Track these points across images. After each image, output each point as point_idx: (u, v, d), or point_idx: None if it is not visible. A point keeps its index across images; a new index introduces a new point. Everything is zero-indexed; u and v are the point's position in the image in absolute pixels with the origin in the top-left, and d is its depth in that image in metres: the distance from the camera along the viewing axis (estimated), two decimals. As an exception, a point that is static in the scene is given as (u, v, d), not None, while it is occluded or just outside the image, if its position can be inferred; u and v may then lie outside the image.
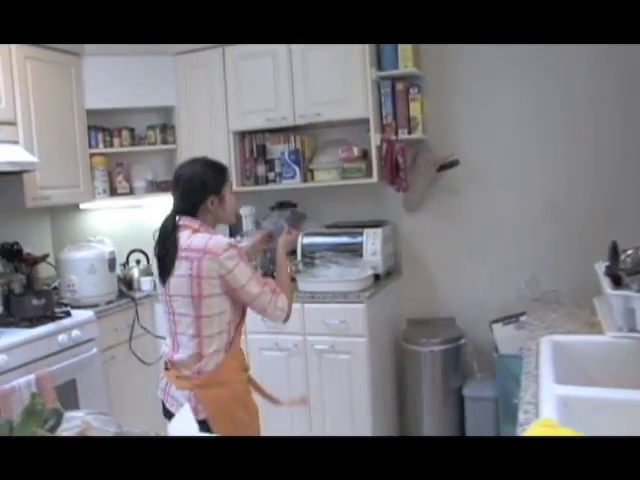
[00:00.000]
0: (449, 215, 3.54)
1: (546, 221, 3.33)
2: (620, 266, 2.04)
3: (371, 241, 3.32)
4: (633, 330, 1.92)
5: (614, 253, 2.06)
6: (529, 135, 3.33)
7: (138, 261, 3.60)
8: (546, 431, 1.23)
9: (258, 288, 1.97)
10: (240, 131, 3.64)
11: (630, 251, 2.10)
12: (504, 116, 3.37)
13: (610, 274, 2.02)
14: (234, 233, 3.68)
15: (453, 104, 3.45)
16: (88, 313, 3.04)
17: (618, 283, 1.99)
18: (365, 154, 3.42)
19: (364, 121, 3.30)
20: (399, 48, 3.27)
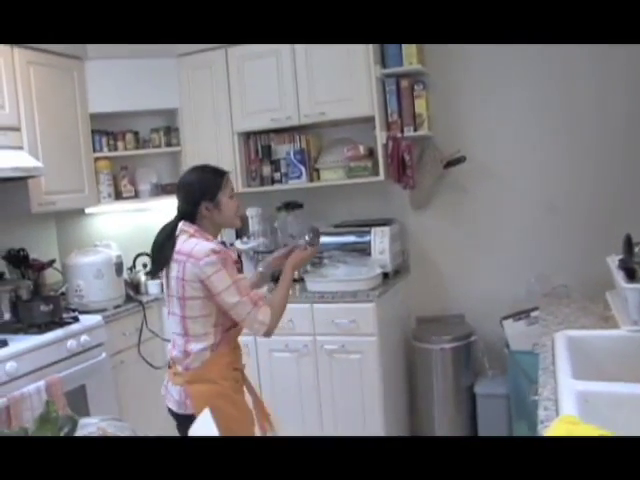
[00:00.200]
0: (456, 212, 3.52)
1: (553, 216, 3.30)
2: (634, 259, 2.02)
3: (379, 239, 3.30)
4: (649, 324, 1.90)
5: (628, 246, 2.04)
6: (535, 129, 3.30)
7: (145, 265, 3.58)
8: (569, 428, 1.21)
9: (236, 297, 1.99)
10: (245, 132, 3.62)
11: (644, 244, 2.08)
12: (510, 110, 3.34)
13: (624, 268, 2.00)
14: (241, 235, 3.67)
15: (458, 100, 3.43)
16: (96, 318, 3.02)
17: (632, 277, 1.96)
18: (371, 152, 3.40)
19: (369, 119, 3.28)
20: (403, 45, 3.25)
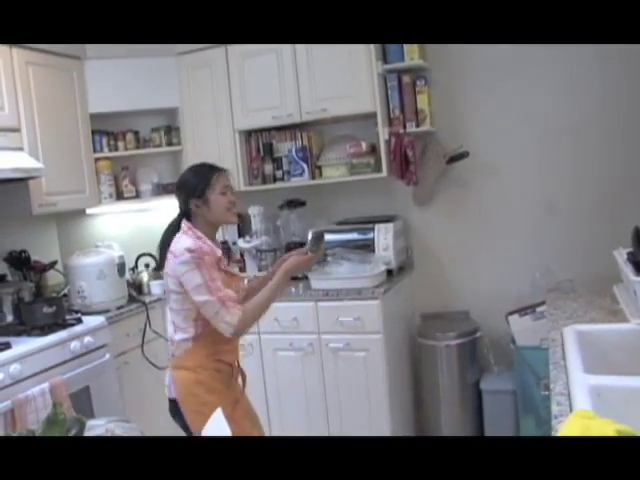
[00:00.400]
0: (460, 207, 3.49)
1: (557, 211, 3.28)
2: (643, 252, 2.00)
3: (383, 236, 3.28)
4: (659, 317, 1.88)
5: (637, 240, 2.02)
6: (538, 123, 3.28)
7: (147, 265, 3.56)
8: (584, 422, 1.20)
9: (205, 297, 2.03)
10: (246, 130, 3.60)
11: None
12: (512, 104, 3.32)
13: (633, 261, 1.98)
14: (243, 233, 3.65)
15: (460, 95, 3.41)
16: (99, 319, 3.00)
17: (641, 270, 1.94)
18: (373, 149, 3.38)
19: (371, 115, 3.26)
20: (404, 41, 3.23)
